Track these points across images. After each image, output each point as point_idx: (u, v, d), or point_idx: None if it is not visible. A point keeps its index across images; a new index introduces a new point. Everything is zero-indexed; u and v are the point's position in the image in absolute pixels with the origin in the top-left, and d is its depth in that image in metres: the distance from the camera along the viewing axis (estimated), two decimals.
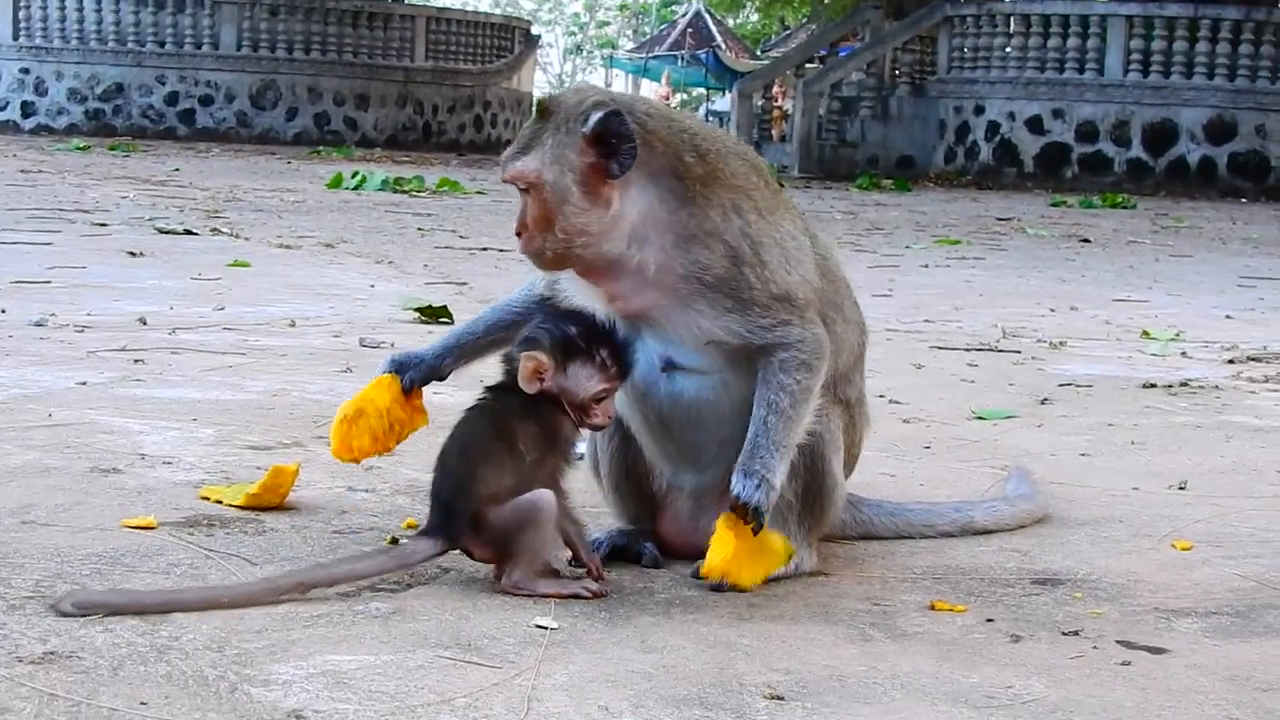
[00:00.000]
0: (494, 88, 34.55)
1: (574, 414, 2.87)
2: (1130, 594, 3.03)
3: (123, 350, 5.50)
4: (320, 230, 11.73)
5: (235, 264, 8.77)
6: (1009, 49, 27.00)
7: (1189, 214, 19.45)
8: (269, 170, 20.75)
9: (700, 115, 30.85)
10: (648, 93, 46.01)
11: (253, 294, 7.50)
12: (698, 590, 2.90)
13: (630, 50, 63.23)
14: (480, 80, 34.19)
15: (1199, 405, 5.43)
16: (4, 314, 6.25)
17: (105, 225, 11.08)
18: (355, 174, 17.84)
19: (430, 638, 2.55)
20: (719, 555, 2.82)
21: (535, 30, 41.07)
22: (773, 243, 2.92)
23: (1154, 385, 5.80)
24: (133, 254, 9.14)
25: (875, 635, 2.71)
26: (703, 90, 57.33)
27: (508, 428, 2.83)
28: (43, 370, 5.01)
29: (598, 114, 2.81)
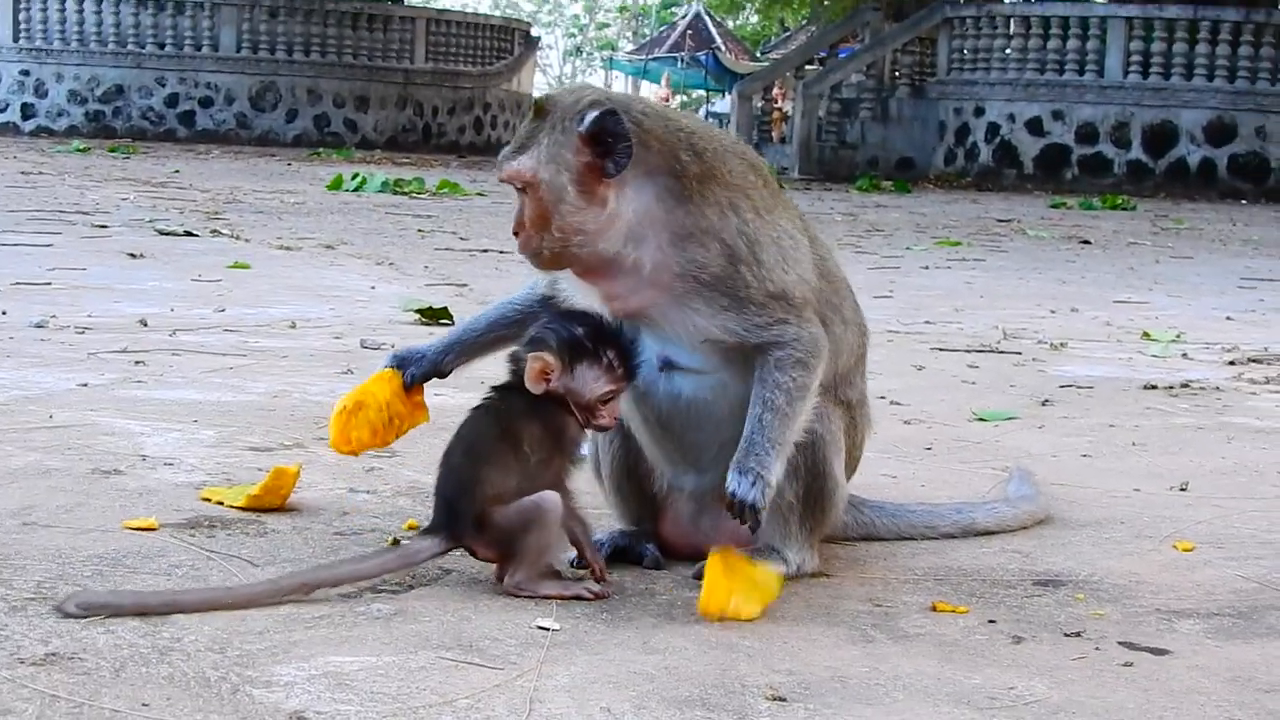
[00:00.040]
0: (494, 89, 34.57)
1: (580, 415, 2.87)
2: (1132, 595, 3.03)
3: (123, 352, 5.50)
4: (320, 232, 11.72)
5: (236, 266, 8.77)
6: (1009, 50, 26.99)
7: (1189, 215, 19.45)
8: (269, 172, 20.75)
9: (700, 117, 30.83)
10: (648, 94, 45.97)
11: (253, 296, 7.50)
12: (699, 591, 2.89)
13: (630, 52, 63.28)
14: (480, 82, 34.21)
15: (1200, 406, 5.43)
16: (5, 316, 6.25)
17: (105, 227, 11.08)
18: (355, 176, 17.85)
19: (432, 639, 2.55)
20: (714, 596, 2.74)
21: (535, 32, 41.09)
22: (770, 241, 2.90)
23: (1155, 386, 5.80)
24: (133, 256, 9.14)
25: (877, 636, 2.71)
26: (702, 92, 57.33)
27: (513, 428, 2.83)
28: (44, 372, 5.01)
29: (593, 113, 2.80)
